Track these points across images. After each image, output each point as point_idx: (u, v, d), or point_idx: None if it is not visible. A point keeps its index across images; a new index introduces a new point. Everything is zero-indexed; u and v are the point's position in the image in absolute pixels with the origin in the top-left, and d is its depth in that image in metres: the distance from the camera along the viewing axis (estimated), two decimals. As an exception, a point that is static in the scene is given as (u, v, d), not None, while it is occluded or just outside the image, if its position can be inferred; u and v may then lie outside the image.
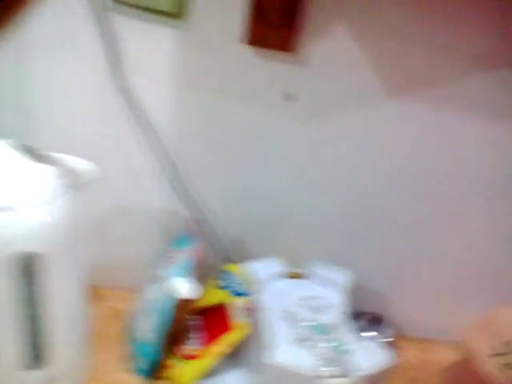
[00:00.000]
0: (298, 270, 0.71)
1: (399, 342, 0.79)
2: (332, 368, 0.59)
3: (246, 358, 0.68)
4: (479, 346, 0.67)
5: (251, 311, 0.65)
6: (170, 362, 0.69)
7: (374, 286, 0.81)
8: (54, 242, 0.53)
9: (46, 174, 0.53)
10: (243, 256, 0.76)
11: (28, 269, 0.51)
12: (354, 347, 0.62)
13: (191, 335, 0.69)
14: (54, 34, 0.65)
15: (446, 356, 0.80)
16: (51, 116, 0.70)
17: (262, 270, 0.69)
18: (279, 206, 0.76)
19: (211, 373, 0.68)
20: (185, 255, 0.66)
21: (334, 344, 0.62)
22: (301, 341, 0.61)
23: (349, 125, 0.70)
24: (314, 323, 0.63)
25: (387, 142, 0.71)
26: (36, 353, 0.57)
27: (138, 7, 0.63)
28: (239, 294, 0.67)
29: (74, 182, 0.55)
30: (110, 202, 0.75)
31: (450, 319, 0.81)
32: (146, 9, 0.63)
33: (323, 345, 0.61)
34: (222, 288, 0.69)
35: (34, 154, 0.54)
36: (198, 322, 0.69)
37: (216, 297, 0.68)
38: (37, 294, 0.54)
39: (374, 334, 0.75)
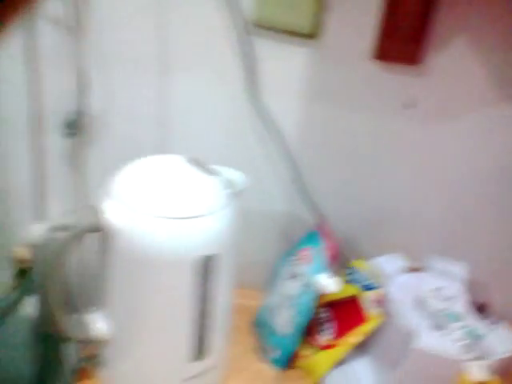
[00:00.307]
0: (417, 264, 0.76)
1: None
2: (471, 352, 0.64)
3: (375, 347, 0.73)
4: None
5: (382, 303, 0.70)
6: (304, 351, 0.74)
7: (476, 276, 0.85)
8: (225, 245, 0.60)
9: (215, 184, 0.60)
10: (359, 252, 0.82)
11: (204, 269, 0.58)
12: (486, 332, 0.67)
13: (324, 326, 0.74)
14: (197, 55, 0.72)
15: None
16: (187, 130, 0.77)
17: (387, 264, 0.75)
18: (394, 205, 0.82)
19: (342, 363, 0.73)
20: (321, 252, 0.71)
21: (467, 330, 0.66)
22: (438, 328, 0.66)
23: (463, 129, 0.76)
24: (446, 312, 0.68)
25: (498, 143, 0.76)
26: (200, 345, 0.63)
27: (278, 30, 0.70)
28: (367, 288, 0.72)
29: (233, 191, 0.61)
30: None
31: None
32: (285, 31, 0.70)
33: (458, 331, 0.66)
34: (350, 282, 0.74)
35: (203, 166, 0.60)
36: (329, 313, 0.75)
37: (345, 290, 0.73)
38: (209, 291, 0.60)
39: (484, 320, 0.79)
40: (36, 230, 0.69)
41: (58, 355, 0.78)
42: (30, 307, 0.75)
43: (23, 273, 0.78)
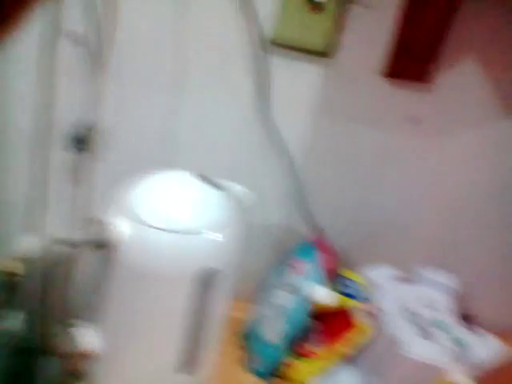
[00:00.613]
0: (407, 275, 0.79)
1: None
2: (457, 361, 0.67)
3: (364, 357, 0.75)
4: None
5: (371, 313, 0.72)
6: (291, 361, 0.75)
7: (465, 287, 0.85)
8: (226, 260, 0.60)
9: (222, 200, 0.60)
10: (353, 263, 0.84)
11: (205, 284, 0.57)
12: (472, 342, 0.70)
13: (313, 336, 0.75)
14: (210, 72, 0.73)
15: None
16: (195, 145, 0.78)
17: (377, 274, 0.77)
18: (390, 217, 0.84)
19: (329, 373, 0.75)
20: (316, 263, 0.72)
21: (454, 339, 0.69)
22: (425, 337, 0.68)
23: (465, 145, 0.79)
24: (434, 321, 0.70)
25: (497, 161, 0.80)
26: (192, 358, 0.62)
27: (293, 48, 0.71)
28: (358, 298, 0.74)
29: (238, 206, 0.62)
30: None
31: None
32: (300, 49, 0.71)
33: (445, 340, 0.69)
34: (341, 293, 0.75)
35: (210, 181, 0.60)
36: (318, 323, 0.76)
37: (333, 300, 0.73)
38: (207, 305, 0.59)
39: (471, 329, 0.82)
40: (28, 244, 0.67)
41: (37, 369, 0.75)
42: (13, 320, 0.73)
43: (12, 286, 0.75)
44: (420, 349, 0.67)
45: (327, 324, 0.76)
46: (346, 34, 0.71)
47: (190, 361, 0.62)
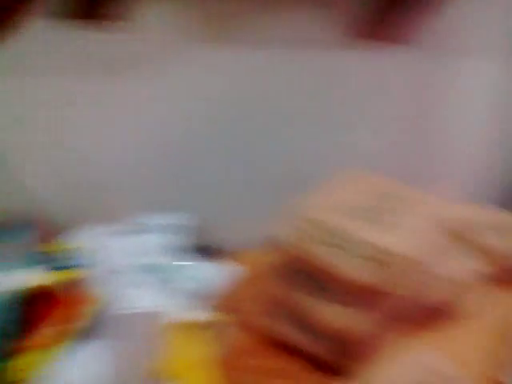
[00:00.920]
0: (127, 225, 0.73)
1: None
2: (190, 297, 0.63)
3: (98, 328, 0.67)
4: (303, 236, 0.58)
5: (89, 280, 0.64)
6: (4, 363, 0.62)
7: (201, 220, 0.84)
8: None
9: None
10: (68, 232, 0.75)
11: None
12: (204, 273, 0.67)
13: (28, 326, 0.64)
14: None
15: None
16: None
17: (90, 236, 0.69)
18: (102, 173, 0.78)
19: (61, 357, 0.63)
20: (22, 245, 0.61)
21: (186, 277, 0.65)
22: (145, 285, 0.63)
23: (159, 79, 0.75)
24: (153, 266, 0.66)
25: (196, 86, 0.77)
26: None
27: None
28: (76, 268, 0.65)
29: None
30: None
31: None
32: None
33: (168, 283, 0.64)
34: (56, 268, 0.65)
35: None
36: (34, 309, 0.64)
37: (51, 279, 0.64)
38: None
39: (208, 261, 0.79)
40: None
41: None
42: None
43: None
44: (147, 300, 0.62)
45: (48, 307, 0.65)
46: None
47: None
